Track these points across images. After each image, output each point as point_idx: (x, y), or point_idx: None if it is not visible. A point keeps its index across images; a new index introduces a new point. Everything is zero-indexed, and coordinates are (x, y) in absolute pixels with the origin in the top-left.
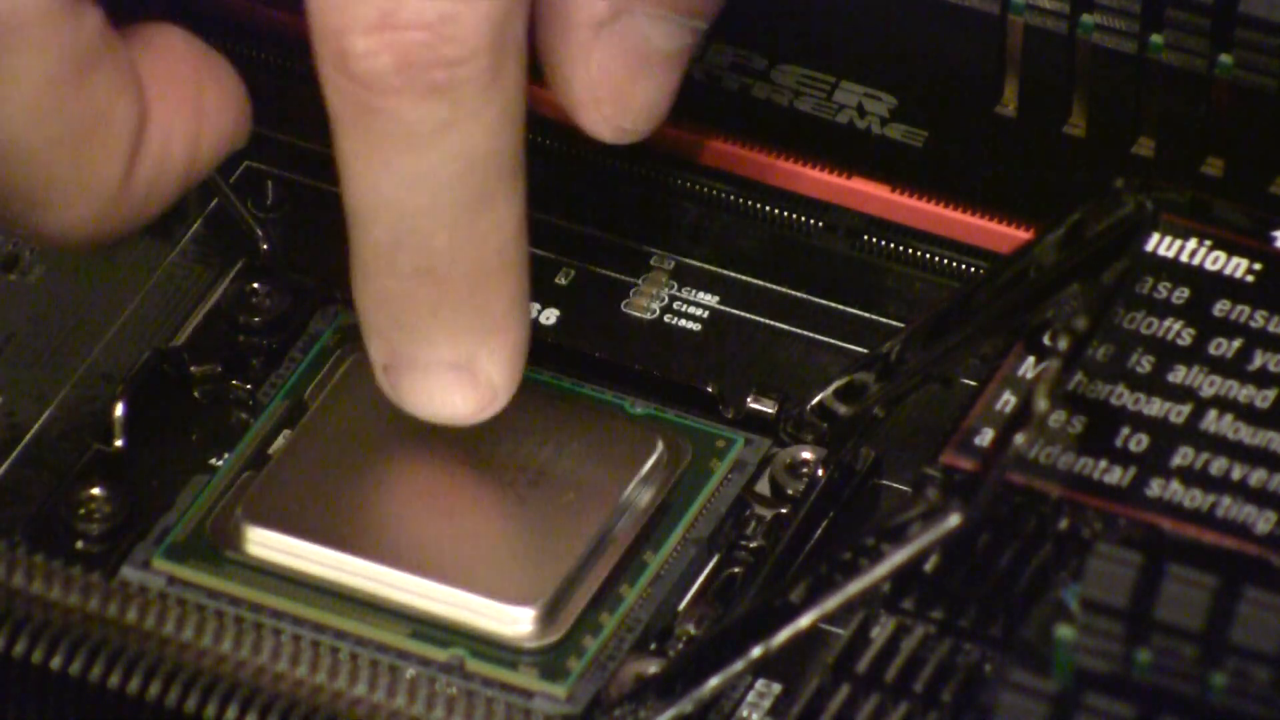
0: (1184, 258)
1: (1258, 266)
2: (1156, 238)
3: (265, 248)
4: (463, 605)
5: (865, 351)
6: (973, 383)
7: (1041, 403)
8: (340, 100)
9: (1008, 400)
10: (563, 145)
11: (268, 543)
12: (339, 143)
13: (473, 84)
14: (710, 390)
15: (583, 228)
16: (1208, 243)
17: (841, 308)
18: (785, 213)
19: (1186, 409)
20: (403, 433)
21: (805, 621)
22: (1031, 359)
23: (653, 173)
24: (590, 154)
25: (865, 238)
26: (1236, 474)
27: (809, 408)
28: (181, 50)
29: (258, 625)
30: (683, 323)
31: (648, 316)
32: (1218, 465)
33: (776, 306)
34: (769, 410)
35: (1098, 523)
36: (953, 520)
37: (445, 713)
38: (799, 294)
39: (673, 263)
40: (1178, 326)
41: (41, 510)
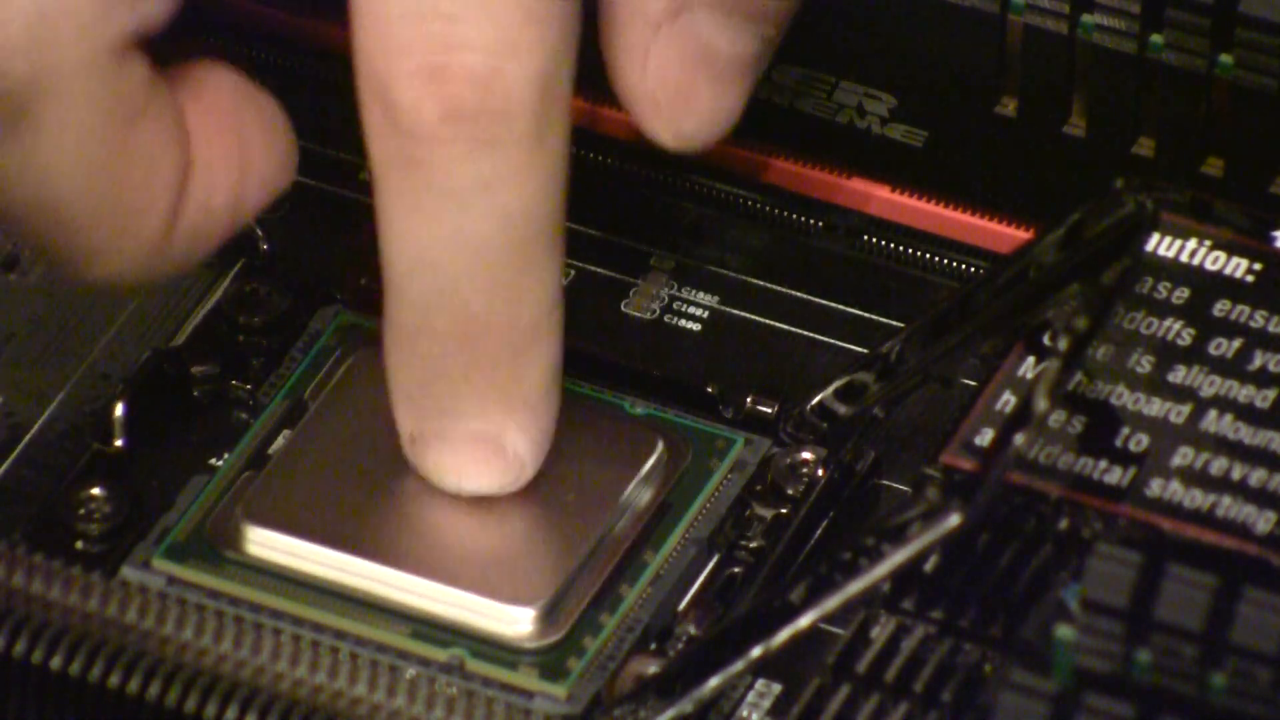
0: (1184, 258)
1: (1258, 266)
2: (1156, 238)
3: (265, 248)
4: (463, 605)
5: (865, 351)
6: (973, 383)
7: (1041, 403)
8: (383, 151)
9: (1008, 400)
10: None
11: (268, 543)
12: (380, 196)
13: (519, 140)
14: (710, 390)
15: (583, 228)
16: (1208, 243)
17: (841, 308)
18: (785, 213)
19: (1186, 409)
20: None
21: (805, 621)
22: (1031, 359)
23: (653, 173)
24: (590, 154)
25: (865, 238)
26: (1236, 474)
27: (809, 408)
28: (228, 93)
29: (258, 625)
30: (683, 323)
31: (648, 316)
32: (1218, 465)
33: (776, 306)
34: (769, 410)
35: (1098, 523)
36: (953, 520)
37: (445, 713)
38: (799, 294)
39: (673, 263)
40: (1178, 326)
41: (41, 510)
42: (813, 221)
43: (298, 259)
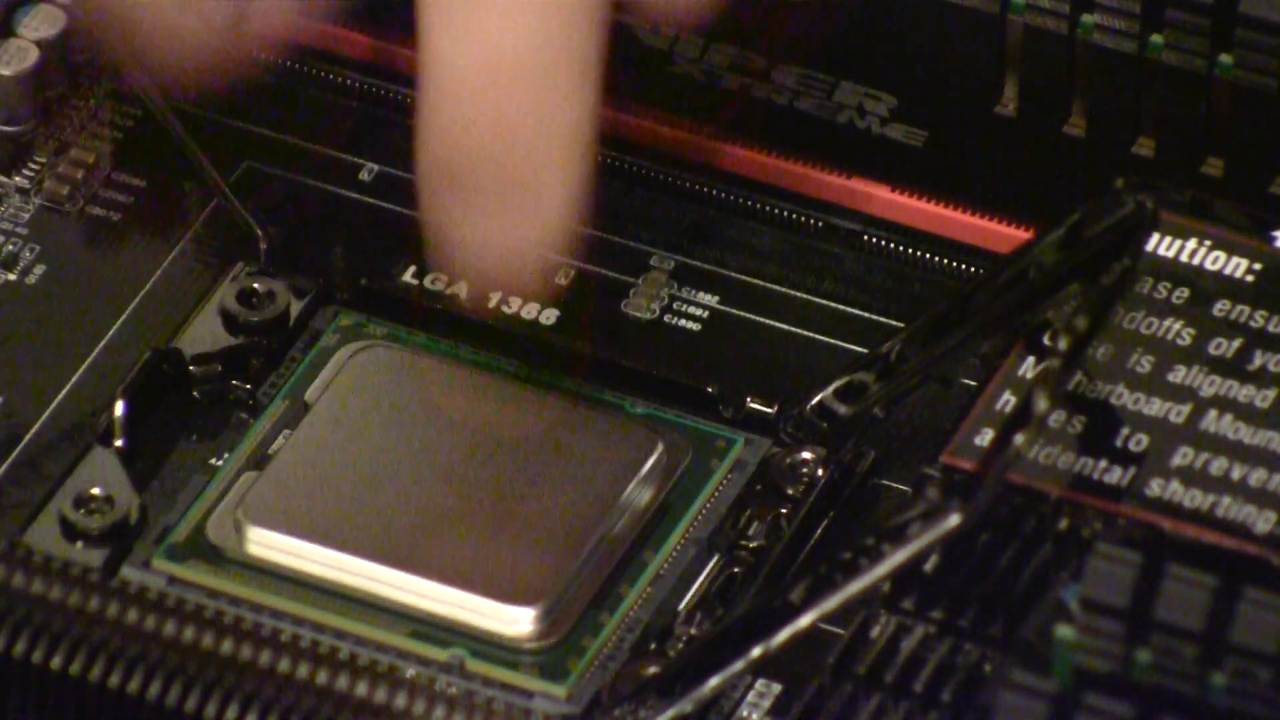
0: (1184, 258)
1: (1258, 266)
2: (1156, 238)
3: (265, 248)
4: (463, 605)
5: (865, 351)
6: (973, 383)
7: (1041, 403)
8: None
9: (1008, 400)
10: None
11: (268, 543)
12: (424, 11)
13: None
14: (710, 390)
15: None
16: (1208, 243)
17: (841, 308)
18: (786, 213)
19: (1186, 409)
20: (403, 433)
21: (805, 621)
22: (1031, 359)
23: (653, 173)
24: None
25: (865, 238)
26: (1236, 474)
27: (809, 408)
28: None
29: (258, 625)
30: (683, 323)
31: (648, 316)
32: (1218, 465)
33: (776, 306)
34: (769, 410)
35: (1098, 523)
36: (953, 520)
37: (445, 713)
38: (799, 294)
39: (673, 263)
40: (1178, 326)
41: (41, 510)
42: (813, 221)
43: (298, 259)
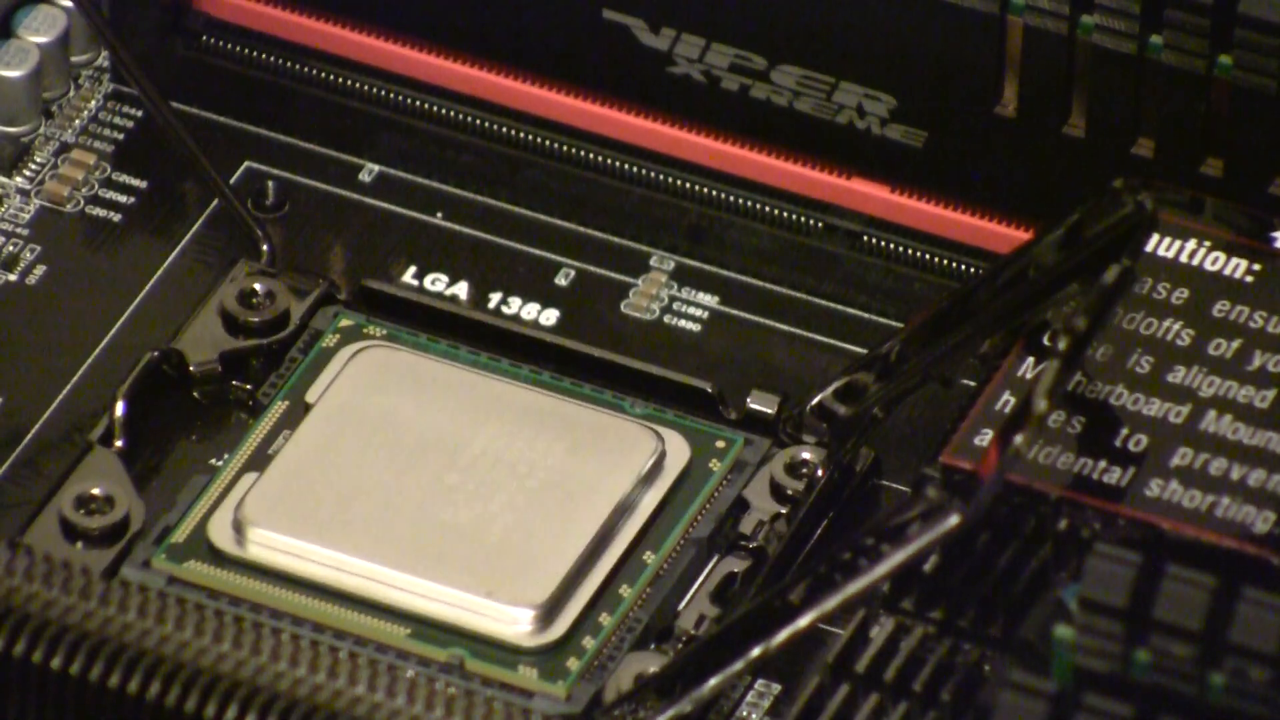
0: (1184, 258)
1: (1258, 266)
2: (1156, 238)
3: (265, 248)
4: (462, 605)
5: (865, 351)
6: (973, 383)
7: (1041, 403)
8: None
9: (1008, 400)
10: (563, 145)
11: (268, 543)
12: None
13: None
14: (710, 390)
15: (583, 228)
16: (1208, 243)
17: (841, 308)
18: (785, 213)
19: (1186, 409)
20: (403, 433)
21: (805, 621)
22: (1031, 359)
23: (653, 173)
24: (591, 154)
25: (865, 238)
26: (1236, 474)
27: (809, 408)
28: None
29: (258, 625)
30: (683, 323)
31: (648, 316)
32: (1217, 465)
33: (776, 306)
34: (769, 410)
35: (1097, 523)
36: (953, 520)
37: (445, 713)
38: (799, 294)
39: (673, 263)
40: (1177, 327)
41: (41, 510)
42: (813, 221)
43: (298, 259)
